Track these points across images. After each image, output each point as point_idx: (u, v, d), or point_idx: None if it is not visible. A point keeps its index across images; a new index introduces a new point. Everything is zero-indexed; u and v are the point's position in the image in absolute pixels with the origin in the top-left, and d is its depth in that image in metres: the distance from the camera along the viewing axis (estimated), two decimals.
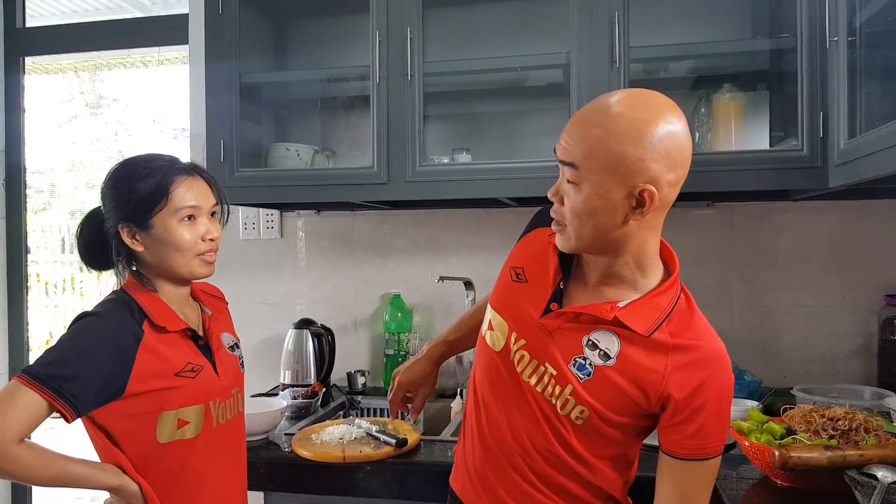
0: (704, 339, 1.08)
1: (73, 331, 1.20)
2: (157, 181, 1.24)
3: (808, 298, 2.15)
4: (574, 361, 1.10)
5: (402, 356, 2.32)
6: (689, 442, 1.07)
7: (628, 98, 1.03)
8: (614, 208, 1.02)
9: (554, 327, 1.13)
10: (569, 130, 1.05)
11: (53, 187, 10.56)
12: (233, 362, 1.39)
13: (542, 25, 2.13)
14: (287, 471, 1.65)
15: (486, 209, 2.33)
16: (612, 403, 1.08)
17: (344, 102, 2.42)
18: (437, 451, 1.69)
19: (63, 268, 8.50)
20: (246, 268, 2.52)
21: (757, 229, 2.17)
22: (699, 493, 1.10)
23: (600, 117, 1.01)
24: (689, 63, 2.06)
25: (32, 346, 2.87)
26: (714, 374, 1.06)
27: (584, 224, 1.05)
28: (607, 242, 1.07)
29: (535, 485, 1.15)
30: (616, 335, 1.09)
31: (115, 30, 2.82)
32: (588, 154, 1.01)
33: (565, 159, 1.04)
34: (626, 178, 1.00)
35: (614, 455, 1.15)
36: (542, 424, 1.13)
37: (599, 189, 1.01)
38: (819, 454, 1.25)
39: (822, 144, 1.69)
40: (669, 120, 1.01)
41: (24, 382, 1.12)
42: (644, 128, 0.99)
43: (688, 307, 1.12)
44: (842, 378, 2.11)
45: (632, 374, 1.07)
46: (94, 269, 1.33)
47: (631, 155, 0.98)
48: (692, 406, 1.05)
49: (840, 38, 1.59)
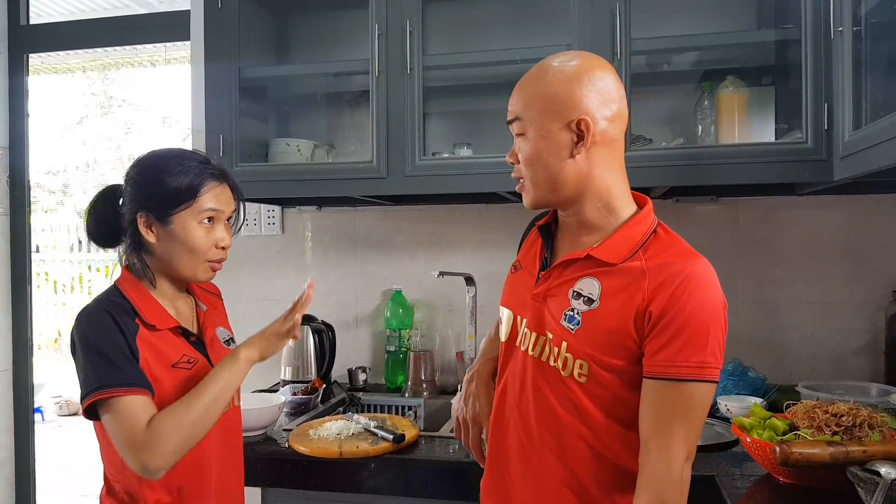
0: (681, 259, 1.08)
1: (85, 334, 1.21)
2: (189, 180, 1.26)
3: (814, 294, 2.12)
4: (564, 316, 1.13)
5: (403, 353, 2.31)
6: (659, 357, 1.04)
7: (556, 55, 1.16)
8: (559, 145, 1.11)
9: (544, 292, 1.17)
10: (512, 94, 1.17)
11: (65, 188, 10.65)
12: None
13: (543, 18, 2.11)
14: (284, 466, 1.64)
15: (488, 204, 2.32)
16: (606, 346, 1.08)
17: (344, 97, 2.41)
18: (436, 447, 1.67)
19: (72, 267, 8.55)
20: (247, 264, 2.51)
21: (762, 224, 2.14)
22: (674, 420, 1.03)
23: (533, 73, 1.16)
24: (692, 55, 2.04)
25: (39, 344, 2.87)
26: (688, 290, 1.03)
27: (536, 169, 1.13)
28: (564, 185, 1.13)
29: (548, 473, 1.14)
30: (596, 278, 1.12)
31: (117, 26, 2.81)
32: (526, 104, 1.13)
33: (511, 118, 1.16)
34: (562, 113, 1.10)
35: (625, 415, 1.10)
36: (549, 396, 1.13)
37: (541, 130, 1.11)
38: (821, 450, 1.22)
39: (826, 137, 1.67)
40: (592, 63, 1.13)
41: (102, 396, 1.15)
42: (570, 70, 1.11)
43: (667, 235, 1.14)
44: (848, 375, 2.07)
45: (616, 310, 1.08)
46: (98, 244, 1.33)
47: (561, 93, 1.10)
48: (664, 319, 1.03)
49: (845, 28, 1.57)
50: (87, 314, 1.23)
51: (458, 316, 2.34)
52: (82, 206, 10.00)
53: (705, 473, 1.44)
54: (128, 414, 1.15)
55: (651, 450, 1.05)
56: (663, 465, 1.03)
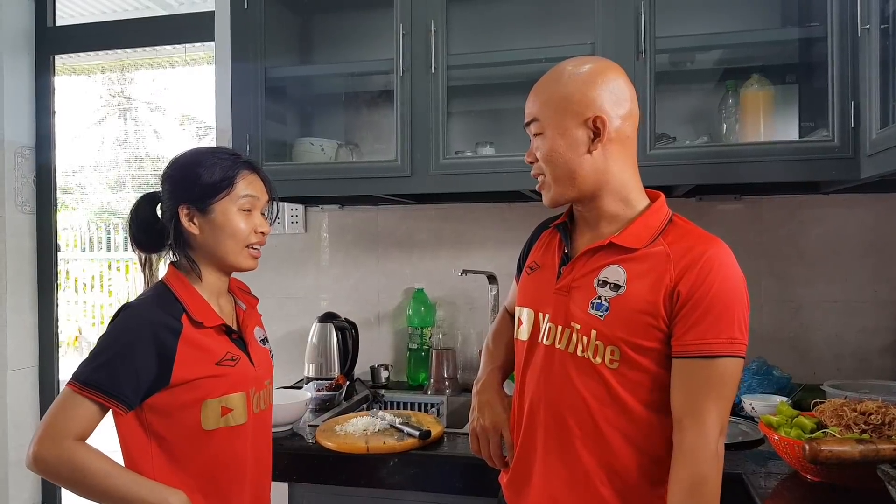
0: (702, 241, 1.14)
1: (114, 327, 1.24)
2: (224, 171, 1.31)
3: (838, 293, 2.11)
4: (591, 304, 1.16)
5: (426, 350, 2.32)
6: (689, 336, 1.08)
7: (569, 61, 1.22)
8: (576, 142, 1.16)
9: (568, 285, 1.20)
10: (528, 98, 1.23)
11: (83, 188, 10.76)
12: (265, 354, 1.43)
13: (566, 16, 2.11)
14: (311, 461, 1.66)
15: (510, 203, 2.32)
16: (636, 329, 1.12)
17: (368, 97, 2.42)
18: (461, 443, 1.68)
19: (92, 265, 8.63)
20: (271, 262, 2.53)
21: (786, 223, 2.14)
22: (706, 396, 1.07)
23: (549, 77, 1.22)
24: (716, 54, 2.04)
25: (62, 342, 2.91)
26: (713, 270, 1.09)
27: (556, 165, 1.18)
28: (583, 179, 1.17)
29: (578, 467, 1.16)
30: (621, 266, 1.16)
31: (143, 28, 2.85)
32: (543, 104, 1.19)
33: (528, 119, 1.22)
34: (578, 112, 1.15)
35: (657, 399, 1.12)
36: (579, 387, 1.15)
37: (559, 128, 1.17)
38: (851, 448, 1.22)
39: (853, 135, 1.66)
40: (605, 66, 1.19)
41: (76, 389, 1.18)
42: (585, 73, 1.17)
43: (683, 223, 1.20)
44: (873, 374, 2.06)
45: (643, 293, 1.12)
46: (143, 250, 1.37)
47: (577, 93, 1.16)
48: (692, 300, 1.09)
49: (872, 25, 1.56)
50: (130, 312, 1.25)
51: (480, 314, 2.35)
52: (99, 205, 10.12)
53: (733, 471, 1.44)
54: (73, 413, 1.17)
55: (685, 427, 1.08)
56: (700, 441, 1.07)
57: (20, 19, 2.71)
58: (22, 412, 2.72)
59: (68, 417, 1.18)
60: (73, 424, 1.17)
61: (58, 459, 1.16)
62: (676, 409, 1.10)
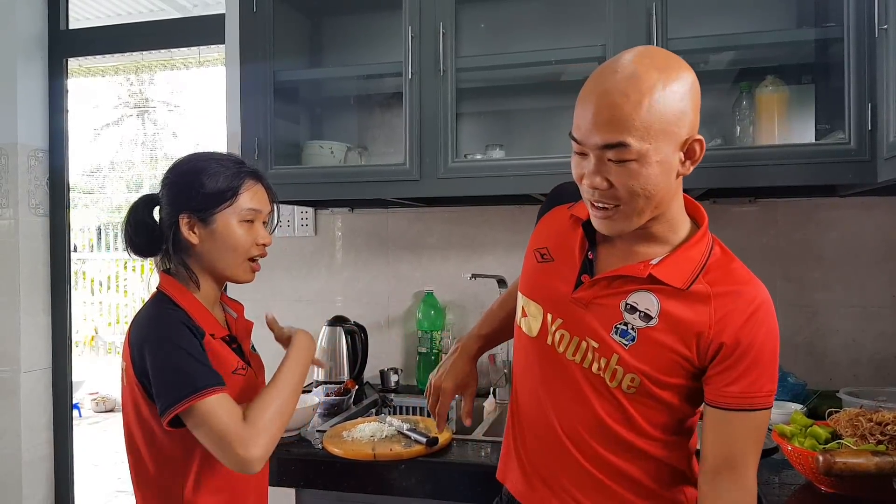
0: (747, 285, 1.05)
1: (157, 346, 1.18)
2: (228, 180, 1.27)
3: (855, 298, 2.07)
4: (615, 329, 1.08)
5: (436, 354, 2.31)
6: (733, 389, 1.03)
7: (648, 59, 0.99)
8: (671, 169, 1.01)
9: (589, 299, 1.11)
10: (599, 111, 0.98)
11: (101, 188, 10.87)
12: (259, 361, 1.42)
13: (578, 18, 2.09)
14: (318, 467, 1.65)
15: (521, 206, 2.30)
16: (662, 365, 1.05)
17: (377, 100, 2.41)
18: (469, 450, 1.67)
19: (107, 265, 8.71)
20: (281, 265, 2.53)
21: (802, 226, 2.10)
22: (745, 448, 1.04)
23: (633, 88, 0.96)
24: (730, 55, 2.00)
25: (76, 342, 2.93)
26: (760, 320, 1.02)
27: (648, 199, 1.01)
28: (657, 206, 1.04)
29: (596, 469, 1.12)
30: (653, 294, 1.06)
31: (154, 30, 2.87)
32: (637, 127, 0.96)
33: (611, 141, 0.97)
34: (678, 135, 0.99)
35: (673, 423, 1.10)
36: (594, 403, 1.10)
37: (657, 156, 0.98)
38: (866, 460, 1.20)
39: (870, 137, 1.63)
40: (684, 68, 1.01)
41: (197, 400, 1.12)
42: (682, 87, 0.99)
43: (724, 255, 1.09)
44: (892, 381, 2.02)
45: (677, 331, 1.04)
46: (136, 252, 1.32)
47: (676, 113, 0.98)
48: (737, 351, 1.02)
49: (890, 26, 1.53)
50: (153, 319, 1.21)
51: None
52: (115, 205, 10.20)
53: None
54: (222, 413, 1.12)
55: (724, 479, 1.05)
56: (744, 497, 1.05)
57: (33, 23, 2.73)
58: (35, 413, 2.74)
59: (223, 416, 1.12)
60: (232, 415, 1.13)
61: (258, 438, 1.13)
62: (711, 456, 1.06)
